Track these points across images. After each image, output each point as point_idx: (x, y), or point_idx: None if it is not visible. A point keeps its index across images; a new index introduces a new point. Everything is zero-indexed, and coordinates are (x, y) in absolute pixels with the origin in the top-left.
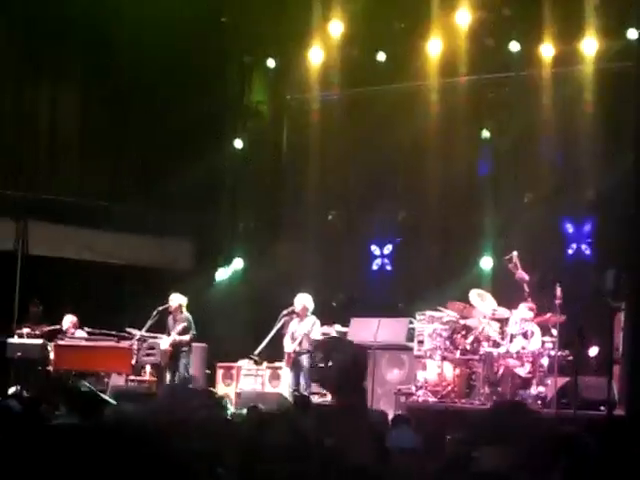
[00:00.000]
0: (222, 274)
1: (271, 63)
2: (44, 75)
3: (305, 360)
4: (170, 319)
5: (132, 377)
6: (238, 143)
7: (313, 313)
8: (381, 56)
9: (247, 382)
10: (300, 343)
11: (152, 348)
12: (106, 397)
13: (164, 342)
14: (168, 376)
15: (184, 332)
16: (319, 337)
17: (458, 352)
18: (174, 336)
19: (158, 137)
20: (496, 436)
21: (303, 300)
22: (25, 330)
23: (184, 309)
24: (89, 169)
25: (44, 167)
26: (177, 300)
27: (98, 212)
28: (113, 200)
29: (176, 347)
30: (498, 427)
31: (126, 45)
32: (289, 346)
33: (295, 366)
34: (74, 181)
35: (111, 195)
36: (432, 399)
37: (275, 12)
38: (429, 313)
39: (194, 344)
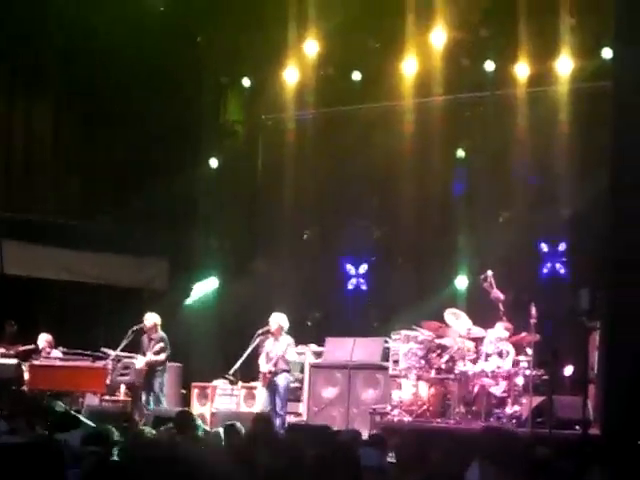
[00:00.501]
0: (197, 293)
1: (246, 82)
2: (16, 93)
3: (281, 380)
4: (145, 338)
5: (107, 397)
6: (213, 162)
7: (288, 332)
8: (356, 75)
9: (222, 402)
10: (275, 364)
11: (127, 368)
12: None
13: (139, 361)
14: (143, 396)
15: (160, 352)
16: (295, 357)
17: (433, 371)
18: (150, 356)
19: (133, 155)
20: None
21: (278, 319)
22: (0, 350)
23: (159, 328)
24: (64, 188)
25: (18, 186)
26: (152, 319)
27: (73, 231)
28: (88, 219)
29: (151, 366)
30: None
31: (99, 63)
32: (264, 366)
33: (270, 386)
34: (48, 200)
35: (86, 214)
36: (407, 418)
37: (251, 32)
38: (404, 332)
39: (169, 363)
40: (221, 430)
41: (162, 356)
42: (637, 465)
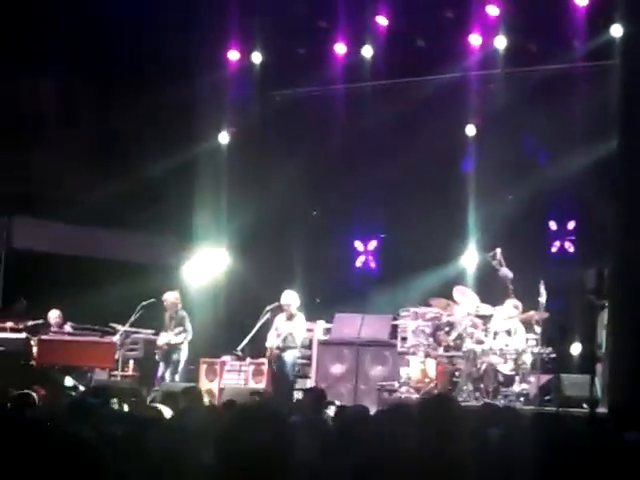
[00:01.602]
0: (206, 269)
1: (257, 58)
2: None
3: (288, 356)
4: (166, 316)
5: (115, 372)
6: (223, 137)
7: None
8: (367, 51)
9: (231, 378)
10: (284, 340)
11: (135, 343)
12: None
13: (161, 339)
14: (160, 370)
15: (180, 334)
16: (304, 335)
17: (441, 349)
18: (171, 336)
19: (141, 128)
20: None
21: (289, 297)
22: (9, 324)
23: (180, 307)
24: (73, 162)
25: (27, 161)
26: (171, 298)
27: (83, 206)
28: (97, 194)
29: (172, 346)
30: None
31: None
32: (272, 340)
33: (277, 362)
34: (58, 175)
35: (95, 189)
36: (415, 395)
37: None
38: (413, 310)
39: None
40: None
41: (181, 337)
42: None
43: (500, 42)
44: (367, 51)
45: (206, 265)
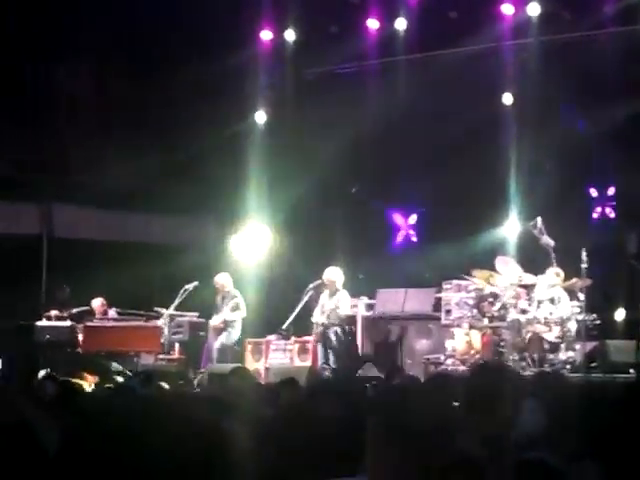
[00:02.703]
0: (249, 249)
1: (290, 36)
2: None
3: (332, 334)
4: (218, 298)
5: (161, 356)
6: (260, 116)
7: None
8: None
9: (276, 357)
10: (328, 317)
11: (180, 326)
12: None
13: (215, 319)
14: (215, 345)
15: (234, 309)
16: (348, 311)
17: (485, 320)
18: (226, 313)
19: (177, 109)
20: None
21: (333, 273)
22: (53, 313)
23: (232, 287)
24: (111, 150)
25: (66, 149)
26: (221, 280)
27: (120, 192)
28: (136, 180)
29: (226, 324)
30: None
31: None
32: (318, 317)
33: (324, 340)
34: (95, 162)
35: (133, 175)
36: (461, 367)
37: None
38: (455, 282)
39: None
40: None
41: (236, 315)
42: None
43: (533, 9)
44: (400, 24)
45: (249, 244)
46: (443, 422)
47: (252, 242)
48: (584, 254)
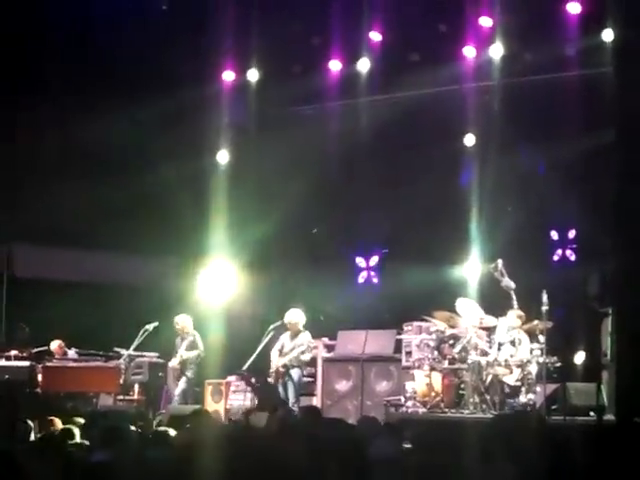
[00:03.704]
0: (209, 291)
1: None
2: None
3: (295, 374)
4: (178, 339)
5: (121, 397)
6: (222, 156)
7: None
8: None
9: (236, 398)
10: (290, 358)
11: (140, 367)
12: None
13: (173, 361)
14: (171, 391)
15: (190, 348)
16: (308, 358)
17: (446, 362)
18: (182, 353)
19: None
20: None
21: (295, 315)
22: (13, 353)
23: (191, 329)
24: (71, 189)
25: (26, 189)
26: (182, 322)
27: (82, 232)
28: (97, 219)
29: (183, 364)
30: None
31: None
32: (275, 359)
33: (283, 380)
34: (57, 202)
35: (94, 215)
36: (422, 409)
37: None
38: (416, 324)
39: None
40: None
41: (194, 353)
42: None
43: (495, 51)
44: (363, 65)
45: (212, 283)
46: None
47: (216, 281)
48: (545, 296)
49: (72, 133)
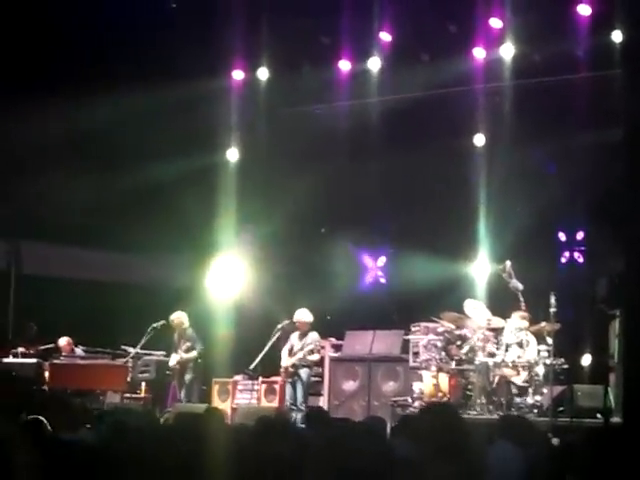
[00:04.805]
0: (217, 290)
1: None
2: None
3: (304, 373)
4: (176, 336)
5: (128, 395)
6: (232, 154)
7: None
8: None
9: (243, 397)
10: (299, 358)
11: (147, 365)
12: None
13: (172, 359)
14: (178, 393)
15: (189, 350)
16: (316, 358)
17: (453, 362)
18: (181, 354)
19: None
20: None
21: (305, 315)
22: (20, 350)
23: (187, 327)
24: (79, 187)
25: (35, 186)
26: (177, 319)
27: (91, 230)
28: (106, 218)
29: (183, 364)
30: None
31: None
32: (285, 360)
33: (292, 380)
34: (66, 199)
35: (102, 213)
36: None
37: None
38: (424, 324)
39: None
40: None
41: (192, 354)
42: None
43: (505, 52)
44: (373, 64)
45: (221, 280)
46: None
47: (224, 279)
48: (553, 298)
49: (79, 129)
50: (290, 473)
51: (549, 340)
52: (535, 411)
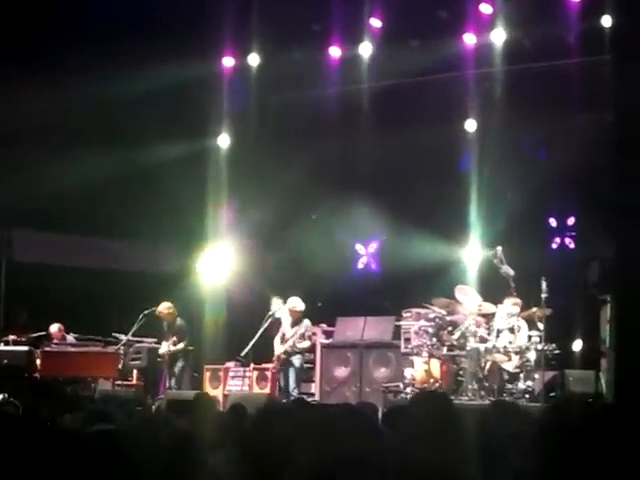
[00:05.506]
0: (208, 276)
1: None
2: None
3: (296, 361)
4: (165, 325)
5: (119, 382)
6: (223, 141)
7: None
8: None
9: (234, 384)
10: (292, 344)
11: (138, 352)
12: None
13: (162, 347)
14: (167, 380)
15: (177, 343)
16: (307, 345)
17: (445, 348)
18: (169, 346)
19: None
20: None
21: (295, 303)
22: (11, 337)
23: (176, 316)
24: (71, 174)
25: (26, 173)
26: (164, 309)
27: (82, 217)
28: (96, 205)
29: (172, 355)
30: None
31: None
32: (278, 348)
33: (285, 367)
34: (58, 186)
35: (94, 200)
36: None
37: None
38: (415, 310)
39: None
40: None
41: (180, 346)
42: None
43: (496, 37)
44: (364, 50)
45: (212, 268)
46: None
47: (215, 265)
48: (544, 284)
49: (69, 116)
50: (286, 458)
51: (540, 326)
52: (527, 396)
